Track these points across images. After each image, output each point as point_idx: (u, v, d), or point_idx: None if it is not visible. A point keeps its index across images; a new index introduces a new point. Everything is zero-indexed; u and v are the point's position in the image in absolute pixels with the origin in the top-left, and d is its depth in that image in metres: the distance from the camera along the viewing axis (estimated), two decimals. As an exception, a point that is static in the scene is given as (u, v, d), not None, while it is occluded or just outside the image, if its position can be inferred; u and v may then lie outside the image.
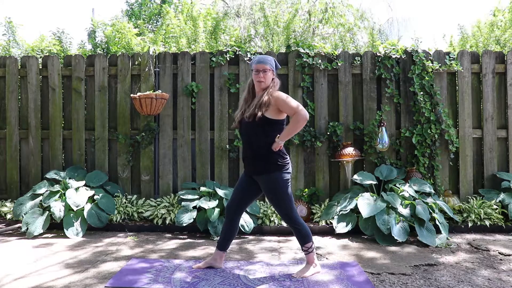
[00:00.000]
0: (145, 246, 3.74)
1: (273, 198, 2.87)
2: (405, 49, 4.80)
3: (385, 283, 2.77)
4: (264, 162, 2.82)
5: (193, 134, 4.88)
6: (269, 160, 2.81)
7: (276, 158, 2.81)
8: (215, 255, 3.06)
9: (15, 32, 5.70)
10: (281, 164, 2.82)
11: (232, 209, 2.99)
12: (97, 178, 4.65)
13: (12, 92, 5.01)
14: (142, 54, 4.94)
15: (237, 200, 3.00)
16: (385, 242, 3.78)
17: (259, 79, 2.85)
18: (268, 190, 2.87)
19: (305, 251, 2.92)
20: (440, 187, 4.66)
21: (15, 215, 4.24)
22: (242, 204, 3.01)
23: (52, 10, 25.15)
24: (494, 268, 3.08)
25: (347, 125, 4.80)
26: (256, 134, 2.83)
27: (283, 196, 2.84)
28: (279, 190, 2.83)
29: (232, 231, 3.02)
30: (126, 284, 2.73)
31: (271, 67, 2.87)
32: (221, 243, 3.03)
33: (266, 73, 2.85)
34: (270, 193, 2.87)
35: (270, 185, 2.84)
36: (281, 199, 2.84)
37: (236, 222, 3.02)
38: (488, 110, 4.78)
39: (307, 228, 2.91)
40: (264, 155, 2.81)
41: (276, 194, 2.84)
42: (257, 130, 2.82)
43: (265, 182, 2.86)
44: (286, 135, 2.80)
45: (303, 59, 4.78)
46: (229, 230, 3.01)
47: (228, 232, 3.01)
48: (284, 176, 2.84)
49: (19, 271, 2.99)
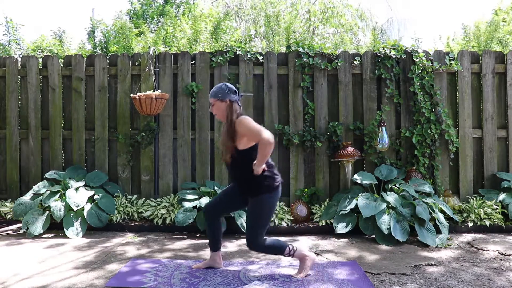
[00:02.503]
0: (145, 246, 3.74)
1: (252, 218, 2.82)
2: (405, 49, 4.80)
3: (385, 283, 2.77)
4: (251, 185, 2.78)
5: (193, 134, 4.88)
6: (256, 183, 2.75)
7: (262, 181, 2.74)
8: (212, 256, 3.04)
9: (15, 32, 5.70)
10: (268, 184, 2.76)
11: (211, 213, 2.97)
12: (97, 178, 4.65)
13: (12, 92, 5.01)
14: (142, 54, 4.95)
15: (220, 204, 2.98)
16: (385, 242, 3.78)
17: (211, 112, 2.91)
18: (252, 210, 2.82)
19: (289, 256, 2.85)
20: (440, 187, 4.66)
21: (15, 215, 4.24)
22: (223, 209, 3.02)
23: (52, 10, 25.15)
24: (494, 268, 3.08)
25: (347, 125, 4.80)
26: (236, 165, 2.82)
27: (262, 221, 2.79)
28: (262, 215, 2.79)
29: (218, 229, 2.99)
30: (126, 284, 2.73)
31: (217, 97, 2.83)
32: (212, 245, 3.01)
33: (214, 106, 2.85)
34: (252, 213, 2.82)
35: (256, 208, 2.80)
36: (258, 224, 2.79)
37: (218, 221, 2.99)
38: (488, 110, 4.78)
39: (274, 244, 2.82)
40: (250, 178, 2.75)
41: (256, 217, 2.80)
42: (235, 161, 2.80)
43: (252, 203, 2.82)
44: (260, 161, 2.67)
45: (303, 59, 4.78)
46: (214, 230, 2.98)
47: (215, 233, 2.98)
48: (272, 197, 2.78)
49: (23, 272, 2.99)
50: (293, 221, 4.44)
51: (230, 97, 2.82)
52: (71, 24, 22.03)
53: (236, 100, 2.84)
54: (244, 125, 2.72)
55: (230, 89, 2.85)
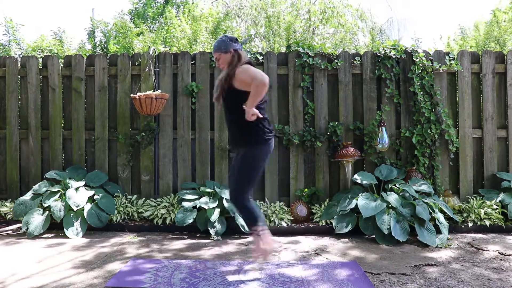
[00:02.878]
0: (145, 246, 3.74)
1: (239, 168, 2.78)
2: (405, 49, 4.80)
3: (385, 283, 2.77)
4: (242, 133, 2.77)
5: (193, 134, 4.88)
6: (248, 132, 2.75)
7: (253, 131, 2.74)
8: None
9: (15, 32, 5.70)
10: (259, 137, 2.75)
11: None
12: (97, 178, 4.65)
13: (12, 92, 5.02)
14: (142, 54, 4.95)
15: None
16: (385, 242, 3.78)
17: (219, 67, 2.90)
18: (241, 160, 2.79)
19: (257, 233, 2.77)
20: (440, 187, 4.66)
21: (15, 215, 4.24)
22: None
23: (52, 10, 25.16)
24: (494, 268, 3.08)
25: (347, 125, 4.80)
26: (229, 108, 2.81)
27: (249, 173, 2.75)
28: (249, 166, 2.75)
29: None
30: (126, 284, 2.73)
31: (220, 50, 2.83)
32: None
33: (220, 60, 2.85)
34: (240, 163, 2.79)
35: (246, 158, 2.77)
36: (245, 175, 2.76)
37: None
38: (488, 110, 4.78)
39: (255, 210, 2.76)
40: (243, 125, 2.73)
41: (244, 167, 2.76)
42: (231, 104, 2.80)
43: (241, 153, 2.79)
44: (251, 101, 2.65)
45: (303, 59, 4.78)
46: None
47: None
48: (262, 150, 2.77)
49: (22, 271, 2.99)
50: (293, 221, 4.44)
51: (233, 47, 2.82)
52: (71, 24, 22.04)
53: (239, 48, 2.83)
54: (243, 68, 2.71)
55: (231, 39, 2.85)
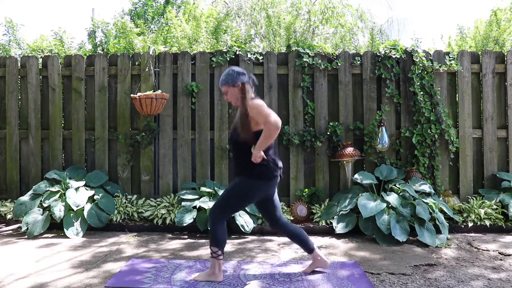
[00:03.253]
0: (145, 246, 3.74)
1: (228, 191, 2.78)
2: (405, 49, 4.80)
3: (385, 283, 2.77)
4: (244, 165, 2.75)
5: (193, 134, 4.88)
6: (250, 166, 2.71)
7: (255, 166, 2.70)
8: (312, 258, 2.98)
9: (15, 32, 5.70)
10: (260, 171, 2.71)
11: (272, 222, 2.93)
12: (97, 178, 4.65)
13: (12, 92, 5.02)
14: (142, 54, 4.95)
15: (264, 214, 2.95)
16: (385, 242, 3.78)
17: (227, 99, 2.88)
18: (235, 183, 2.78)
19: (211, 255, 2.77)
20: (440, 187, 4.66)
21: (15, 215, 4.24)
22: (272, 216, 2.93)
23: (52, 10, 25.16)
24: (494, 268, 3.08)
25: (347, 125, 4.80)
26: (239, 147, 2.78)
27: (233, 201, 2.76)
28: (236, 194, 2.75)
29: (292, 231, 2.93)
30: (126, 284, 2.73)
31: (227, 84, 2.80)
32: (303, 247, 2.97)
33: (228, 93, 2.82)
34: (233, 186, 2.78)
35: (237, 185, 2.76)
36: (228, 200, 2.76)
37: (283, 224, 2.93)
38: (488, 110, 4.78)
39: (221, 235, 2.74)
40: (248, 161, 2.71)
41: (231, 193, 2.76)
42: (240, 143, 2.77)
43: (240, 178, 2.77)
44: (260, 145, 2.64)
45: (303, 59, 4.78)
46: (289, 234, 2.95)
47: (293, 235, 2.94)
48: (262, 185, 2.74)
49: (20, 271, 2.99)
50: (293, 221, 4.44)
51: (240, 80, 2.78)
52: (71, 24, 22.04)
53: (246, 81, 2.80)
54: (255, 107, 2.69)
55: (238, 72, 2.81)
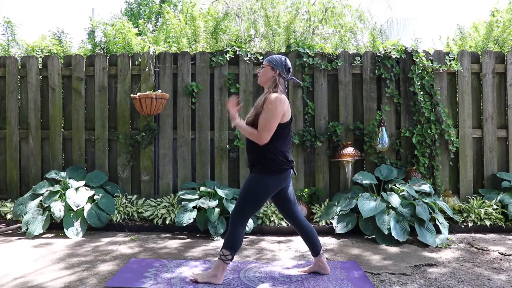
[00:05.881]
0: (145, 246, 3.74)
1: (241, 192, 2.73)
2: (405, 49, 4.80)
3: (385, 283, 2.77)
4: (258, 160, 2.70)
5: (193, 134, 4.88)
6: (263, 161, 2.68)
7: (268, 162, 2.67)
8: (315, 261, 2.95)
9: (15, 32, 5.69)
10: (271, 166, 2.66)
11: (288, 219, 2.90)
12: (97, 178, 4.65)
13: (12, 92, 5.01)
14: (142, 54, 4.94)
15: (279, 208, 2.91)
16: (385, 242, 3.78)
17: (258, 74, 2.84)
18: (245, 182, 2.73)
19: (219, 256, 2.73)
20: (440, 187, 4.66)
21: (15, 215, 4.24)
22: (286, 209, 2.88)
23: (52, 10, 25.15)
24: (494, 268, 3.08)
25: (347, 125, 4.80)
26: (252, 143, 2.73)
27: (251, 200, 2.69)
28: (251, 190, 2.69)
29: (306, 231, 2.88)
30: (126, 284, 2.73)
31: (270, 63, 2.76)
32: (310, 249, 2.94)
33: (263, 70, 2.78)
34: (244, 185, 2.74)
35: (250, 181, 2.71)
36: (246, 201, 2.69)
37: (300, 222, 2.88)
38: (488, 110, 4.78)
39: (237, 241, 2.69)
40: (260, 155, 2.69)
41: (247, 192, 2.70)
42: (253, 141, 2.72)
43: (250, 176, 2.74)
44: (243, 127, 2.70)
45: (303, 59, 4.78)
46: (302, 233, 2.90)
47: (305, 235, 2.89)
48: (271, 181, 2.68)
49: (19, 271, 2.99)
50: (293, 221, 4.43)
51: (281, 71, 2.74)
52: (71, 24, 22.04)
53: (285, 77, 2.76)
54: (271, 103, 2.62)
55: (286, 65, 2.76)
